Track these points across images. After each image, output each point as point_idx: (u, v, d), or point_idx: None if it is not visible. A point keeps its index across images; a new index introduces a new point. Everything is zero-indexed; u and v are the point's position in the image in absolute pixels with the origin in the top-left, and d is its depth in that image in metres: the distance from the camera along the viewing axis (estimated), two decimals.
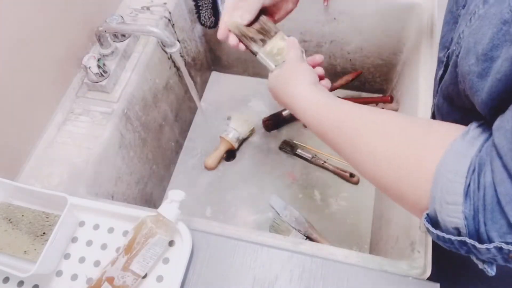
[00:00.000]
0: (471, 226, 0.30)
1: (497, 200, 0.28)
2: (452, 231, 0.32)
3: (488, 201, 0.29)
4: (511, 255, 0.29)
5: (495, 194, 0.29)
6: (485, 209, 0.29)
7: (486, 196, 0.29)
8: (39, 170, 0.73)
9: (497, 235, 0.29)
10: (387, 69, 1.09)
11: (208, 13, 1.01)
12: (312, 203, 1.01)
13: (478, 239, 0.30)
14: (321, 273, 0.56)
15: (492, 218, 0.29)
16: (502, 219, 0.28)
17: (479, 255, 0.31)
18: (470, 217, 0.30)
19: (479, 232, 0.30)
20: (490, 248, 0.29)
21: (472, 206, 0.30)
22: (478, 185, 0.29)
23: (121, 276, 0.53)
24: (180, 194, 0.57)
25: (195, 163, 1.11)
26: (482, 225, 0.29)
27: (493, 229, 0.29)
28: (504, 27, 0.30)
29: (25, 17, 0.67)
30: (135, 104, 0.85)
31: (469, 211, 0.30)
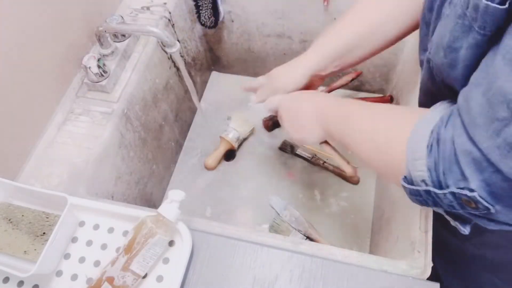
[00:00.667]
0: (433, 176, 0.35)
1: (454, 152, 0.33)
2: (420, 184, 0.37)
3: (446, 153, 0.33)
4: (463, 199, 0.33)
5: (452, 146, 0.33)
6: (444, 160, 0.33)
7: (446, 149, 0.33)
8: (39, 170, 0.73)
9: (452, 182, 0.33)
10: (387, 69, 1.09)
11: (208, 13, 1.01)
12: (312, 203, 1.01)
13: (439, 188, 0.35)
14: (321, 273, 0.56)
15: (449, 168, 0.33)
16: (457, 168, 0.32)
17: (441, 203, 0.35)
18: (432, 168, 0.34)
19: (439, 181, 0.34)
20: (446, 193, 0.34)
21: (433, 159, 0.34)
22: (438, 141, 0.34)
23: (121, 276, 0.53)
24: (180, 194, 0.57)
25: (195, 163, 1.11)
26: (441, 174, 0.34)
27: (450, 177, 0.33)
28: (459, 21, 0.34)
29: (25, 17, 0.67)
30: (135, 104, 0.85)
31: (431, 163, 0.34)
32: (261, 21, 1.07)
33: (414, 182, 0.37)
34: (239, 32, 1.12)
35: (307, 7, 0.99)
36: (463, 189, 0.32)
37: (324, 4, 0.96)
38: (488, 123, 0.29)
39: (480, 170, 0.31)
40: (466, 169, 0.32)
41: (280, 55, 1.16)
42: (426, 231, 0.59)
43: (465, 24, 0.34)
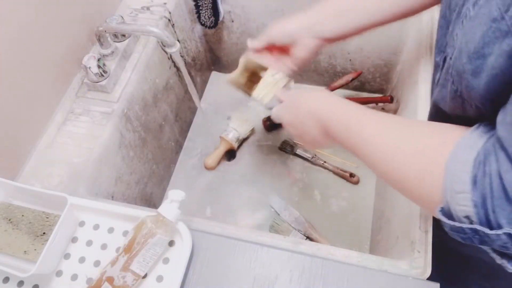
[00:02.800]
0: (481, 214, 0.31)
1: (503, 188, 0.29)
2: (463, 220, 0.32)
3: (495, 188, 0.30)
4: None
5: (500, 183, 0.29)
6: (492, 196, 0.30)
7: (493, 184, 0.30)
8: (39, 170, 0.73)
9: (506, 222, 0.30)
10: (387, 69, 1.09)
11: (208, 13, 1.01)
12: (312, 203, 1.01)
13: (488, 227, 0.31)
14: (321, 273, 0.56)
15: (500, 205, 0.30)
16: (509, 206, 0.29)
17: (491, 243, 0.32)
18: (479, 204, 0.31)
19: (489, 219, 0.30)
20: (500, 234, 0.30)
21: (480, 194, 0.31)
22: (484, 173, 0.30)
23: (121, 276, 0.53)
24: (180, 194, 0.57)
25: (195, 163, 1.11)
26: (491, 212, 0.30)
27: (501, 215, 0.30)
28: (493, 25, 0.31)
29: (25, 17, 0.67)
30: (135, 104, 0.85)
31: (477, 199, 0.31)
32: (261, 21, 1.07)
33: (455, 217, 0.34)
34: (239, 32, 1.12)
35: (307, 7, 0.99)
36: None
37: None
38: None
39: None
40: None
41: None
42: (426, 231, 0.59)
43: (501, 29, 0.30)
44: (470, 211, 0.32)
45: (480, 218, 0.31)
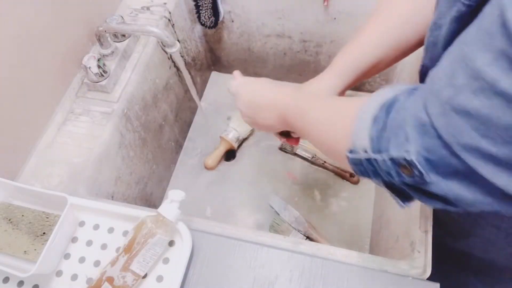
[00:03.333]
0: (375, 144, 0.34)
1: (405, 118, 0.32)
2: (362, 153, 0.36)
3: (398, 119, 0.33)
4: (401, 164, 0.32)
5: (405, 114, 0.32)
6: (391, 126, 0.33)
7: (398, 116, 0.33)
8: (39, 170, 0.73)
9: (394, 146, 0.33)
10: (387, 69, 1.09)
11: (208, 13, 1.01)
12: (312, 203, 1.01)
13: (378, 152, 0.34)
14: (321, 273, 0.56)
15: (396, 132, 0.33)
16: (402, 132, 0.32)
17: (380, 171, 0.35)
18: (374, 136, 0.34)
19: (380, 148, 0.34)
20: (386, 159, 0.33)
21: (377, 128, 0.34)
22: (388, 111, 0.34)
23: (121, 276, 0.53)
24: (180, 194, 0.57)
25: (195, 163, 1.11)
26: (384, 140, 0.33)
27: (393, 142, 0.33)
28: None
29: (25, 17, 0.67)
30: (135, 104, 0.85)
31: (373, 132, 0.34)
32: (261, 21, 1.07)
33: (356, 151, 0.37)
34: (239, 32, 1.12)
35: (307, 7, 0.99)
36: (402, 152, 0.32)
37: (324, 4, 0.96)
38: (443, 89, 0.29)
39: (423, 134, 0.31)
40: (411, 132, 0.31)
41: (280, 55, 1.16)
42: (426, 231, 0.59)
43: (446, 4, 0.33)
44: (367, 144, 0.35)
45: (373, 147, 0.35)
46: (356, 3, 0.95)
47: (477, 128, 0.26)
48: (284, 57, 1.16)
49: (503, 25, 0.23)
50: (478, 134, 0.26)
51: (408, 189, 0.34)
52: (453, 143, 0.28)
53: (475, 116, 0.26)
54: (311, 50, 1.11)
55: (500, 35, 0.24)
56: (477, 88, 0.26)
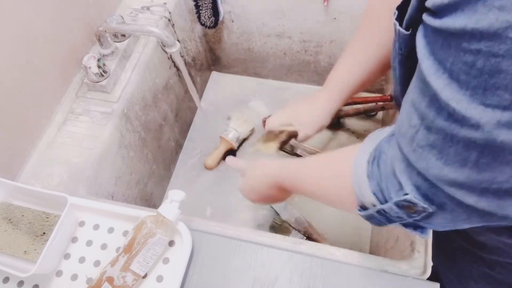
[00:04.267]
0: (379, 197, 0.38)
1: (392, 166, 0.36)
2: (371, 207, 0.40)
3: (388, 169, 0.37)
4: (405, 206, 0.36)
5: (390, 162, 0.36)
6: (386, 177, 0.37)
7: (386, 166, 0.37)
8: (39, 170, 0.73)
9: (394, 194, 0.36)
10: None
11: (208, 13, 1.01)
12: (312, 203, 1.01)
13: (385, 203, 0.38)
14: (321, 273, 0.56)
15: (391, 181, 0.36)
16: (394, 179, 0.36)
17: (392, 217, 0.39)
18: (377, 190, 0.38)
19: (385, 197, 0.38)
20: (392, 206, 0.37)
21: (375, 181, 0.38)
22: (379, 165, 0.38)
23: (121, 276, 0.53)
24: (180, 194, 0.57)
25: (195, 163, 1.11)
26: (385, 191, 0.37)
27: (391, 190, 0.36)
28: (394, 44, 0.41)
29: (25, 17, 0.67)
30: (135, 104, 0.85)
31: (374, 187, 0.38)
32: (261, 21, 1.07)
33: (365, 208, 0.41)
34: (239, 32, 1.12)
35: (307, 7, 0.99)
36: (401, 196, 0.35)
37: (324, 4, 0.96)
38: (407, 130, 0.33)
39: (408, 175, 0.34)
40: (400, 178, 0.35)
41: (280, 55, 1.16)
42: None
43: (395, 47, 0.40)
44: (373, 199, 0.39)
45: (379, 200, 0.38)
46: (356, 3, 0.95)
47: (439, 158, 0.31)
48: (284, 57, 1.16)
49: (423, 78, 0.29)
50: (441, 163, 0.31)
51: (422, 224, 0.38)
52: (428, 175, 0.32)
53: (435, 149, 0.31)
54: (311, 50, 1.11)
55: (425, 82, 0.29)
56: (426, 126, 0.31)
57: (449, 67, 0.27)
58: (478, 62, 0.25)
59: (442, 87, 0.28)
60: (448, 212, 0.34)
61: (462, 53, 0.26)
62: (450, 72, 0.27)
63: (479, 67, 0.25)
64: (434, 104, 0.29)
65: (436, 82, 0.28)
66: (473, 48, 0.25)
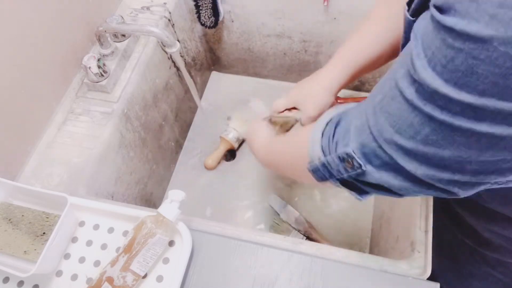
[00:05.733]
0: (326, 151, 0.42)
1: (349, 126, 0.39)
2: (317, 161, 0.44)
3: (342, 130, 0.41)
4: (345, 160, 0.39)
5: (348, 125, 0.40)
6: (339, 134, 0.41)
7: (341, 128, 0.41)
8: (39, 170, 0.73)
9: (340, 147, 0.40)
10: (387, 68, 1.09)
11: (208, 13, 1.01)
12: (312, 203, 1.01)
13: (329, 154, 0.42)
14: (321, 273, 0.56)
15: (343, 137, 0.40)
16: (348, 136, 0.39)
17: (332, 171, 0.42)
18: (326, 145, 0.42)
19: (330, 151, 0.42)
20: (334, 158, 0.40)
21: (327, 138, 0.42)
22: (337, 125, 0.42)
23: (121, 276, 0.53)
24: (180, 194, 0.57)
25: (195, 163, 1.11)
26: (332, 146, 0.41)
27: (340, 145, 0.40)
28: None
29: (25, 17, 0.67)
30: (135, 104, 0.85)
31: (324, 142, 0.43)
32: (261, 21, 1.07)
33: (312, 162, 0.45)
34: (239, 32, 1.12)
35: (307, 7, 0.99)
36: (345, 149, 0.39)
37: (324, 4, 0.96)
38: (375, 95, 0.36)
39: (360, 132, 0.38)
40: (353, 133, 0.39)
41: (280, 55, 1.16)
42: (426, 231, 0.59)
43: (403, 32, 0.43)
44: (320, 153, 0.43)
45: (324, 152, 0.42)
46: (356, 3, 0.95)
47: (393, 125, 0.34)
48: (284, 57, 1.16)
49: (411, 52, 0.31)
50: (393, 130, 0.34)
51: (356, 182, 0.41)
52: (379, 137, 0.35)
53: (392, 116, 0.34)
54: (311, 50, 1.11)
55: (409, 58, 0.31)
56: (395, 94, 0.33)
57: (429, 55, 0.29)
58: (456, 59, 0.27)
59: (421, 67, 0.29)
60: (382, 174, 0.37)
61: (445, 47, 0.27)
62: (430, 59, 0.29)
63: (456, 63, 0.27)
64: (409, 76, 0.31)
65: (418, 61, 0.30)
66: (456, 46, 0.27)
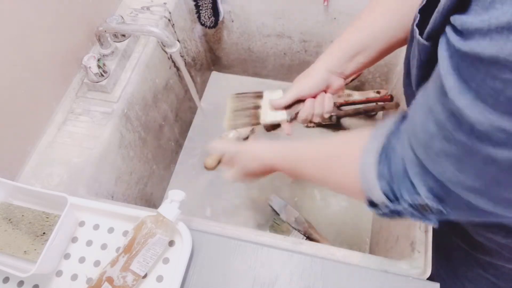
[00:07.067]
0: (391, 197, 0.38)
1: (404, 166, 0.37)
2: (383, 206, 0.41)
3: (399, 170, 0.37)
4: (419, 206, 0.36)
5: (402, 162, 0.37)
6: (397, 177, 0.38)
7: (397, 167, 0.37)
8: (39, 170, 0.73)
9: (407, 194, 0.37)
10: (387, 69, 1.09)
11: (208, 13, 1.01)
12: (312, 203, 1.01)
13: (398, 203, 0.38)
14: (321, 273, 0.56)
15: (403, 182, 0.37)
16: (407, 180, 0.36)
17: (405, 215, 0.39)
18: (388, 191, 0.38)
19: (397, 197, 0.38)
20: (405, 206, 0.37)
21: (386, 182, 0.38)
22: (389, 165, 0.38)
23: (121, 276, 0.53)
24: (180, 194, 0.57)
25: (195, 163, 1.11)
26: (397, 191, 0.38)
27: (404, 191, 0.37)
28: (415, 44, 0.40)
29: (25, 17, 0.67)
30: (135, 104, 0.85)
31: (385, 187, 0.39)
32: (261, 21, 1.07)
33: (378, 206, 0.41)
34: (239, 32, 1.12)
35: (307, 7, 0.99)
36: (416, 198, 0.36)
37: (324, 4, 0.96)
38: (421, 135, 0.34)
39: (422, 177, 0.35)
40: (413, 179, 0.36)
41: (280, 55, 1.16)
42: (426, 231, 0.59)
43: (413, 51, 0.40)
44: (384, 199, 0.39)
45: (391, 200, 0.39)
46: (356, 3, 0.95)
47: (456, 167, 0.31)
48: (284, 57, 1.16)
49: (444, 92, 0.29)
50: (457, 171, 0.31)
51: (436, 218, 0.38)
52: (444, 180, 0.33)
53: (451, 158, 0.31)
54: (311, 50, 1.11)
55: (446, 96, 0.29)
56: (444, 136, 0.31)
57: (474, 87, 0.26)
58: (507, 90, 0.25)
59: (466, 105, 0.27)
60: (462, 212, 0.35)
61: (490, 79, 0.25)
62: (476, 92, 0.26)
63: (508, 95, 0.25)
64: (455, 117, 0.29)
65: (460, 99, 0.27)
66: (504, 77, 0.24)
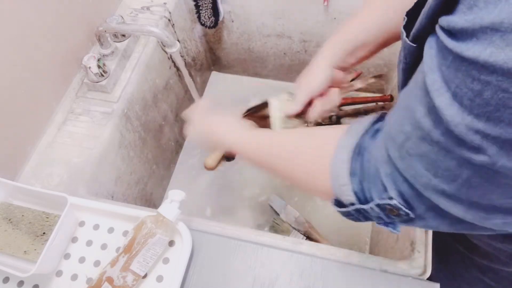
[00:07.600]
0: (360, 196, 0.38)
1: (376, 167, 0.36)
2: (349, 206, 0.40)
3: (371, 170, 0.36)
4: (387, 208, 0.35)
5: (375, 163, 0.36)
6: (369, 177, 0.37)
7: (370, 166, 0.36)
8: (39, 170, 0.73)
9: (376, 195, 0.36)
10: (387, 69, 1.09)
11: (208, 13, 1.01)
12: (312, 203, 1.01)
13: (365, 203, 0.38)
14: (321, 273, 0.56)
15: (374, 182, 0.36)
16: (379, 181, 0.35)
17: (371, 216, 0.38)
18: (359, 190, 0.37)
19: (366, 198, 0.37)
20: (373, 207, 0.36)
21: (358, 181, 0.37)
22: (362, 164, 0.37)
23: (121, 276, 0.53)
24: (180, 194, 0.57)
25: (195, 163, 1.11)
26: (366, 191, 0.37)
27: (374, 191, 0.36)
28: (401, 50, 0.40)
29: (25, 18, 0.67)
30: (135, 104, 0.85)
31: (356, 186, 0.38)
32: (261, 21, 1.07)
33: (344, 205, 0.41)
34: (239, 32, 1.12)
35: (307, 7, 0.99)
36: (385, 199, 0.35)
37: (324, 4, 0.96)
38: (397, 135, 0.33)
39: (394, 179, 0.34)
40: (385, 180, 0.35)
41: (280, 55, 1.16)
42: (426, 231, 0.59)
43: (402, 52, 0.40)
44: (352, 198, 0.38)
45: (359, 199, 0.38)
46: (356, 3, 0.95)
47: (428, 169, 0.30)
48: (284, 57, 1.16)
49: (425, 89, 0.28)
50: (430, 174, 0.30)
51: (401, 223, 0.39)
52: (415, 183, 0.32)
53: (425, 159, 0.30)
54: (311, 50, 1.11)
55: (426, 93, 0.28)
56: (420, 135, 0.30)
57: (453, 88, 0.26)
58: (485, 93, 0.24)
59: (445, 104, 0.27)
60: (430, 219, 0.34)
61: (470, 80, 0.25)
62: (454, 93, 0.26)
63: (485, 97, 0.24)
64: (432, 116, 0.28)
65: (439, 98, 0.27)
66: (483, 78, 0.24)
